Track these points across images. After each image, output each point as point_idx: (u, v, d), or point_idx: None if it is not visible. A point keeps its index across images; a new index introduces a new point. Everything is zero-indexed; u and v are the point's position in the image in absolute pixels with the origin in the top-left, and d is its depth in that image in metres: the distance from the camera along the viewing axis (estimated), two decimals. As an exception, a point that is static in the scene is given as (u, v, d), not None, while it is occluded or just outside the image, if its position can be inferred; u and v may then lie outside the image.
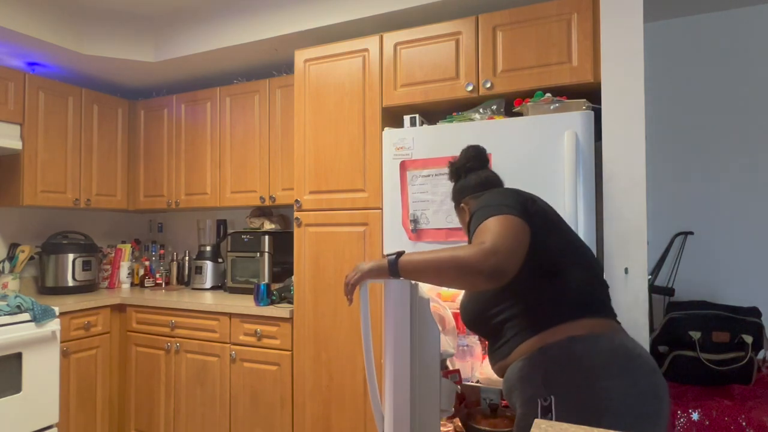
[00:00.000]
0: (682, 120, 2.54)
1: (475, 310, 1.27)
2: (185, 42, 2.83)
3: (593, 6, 1.86)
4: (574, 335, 1.11)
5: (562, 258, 1.18)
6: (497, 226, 1.10)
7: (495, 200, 1.20)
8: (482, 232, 1.12)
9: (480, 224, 1.14)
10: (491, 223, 1.12)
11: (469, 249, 1.07)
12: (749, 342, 1.85)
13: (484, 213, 1.16)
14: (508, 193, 1.25)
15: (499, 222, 1.12)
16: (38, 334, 2.39)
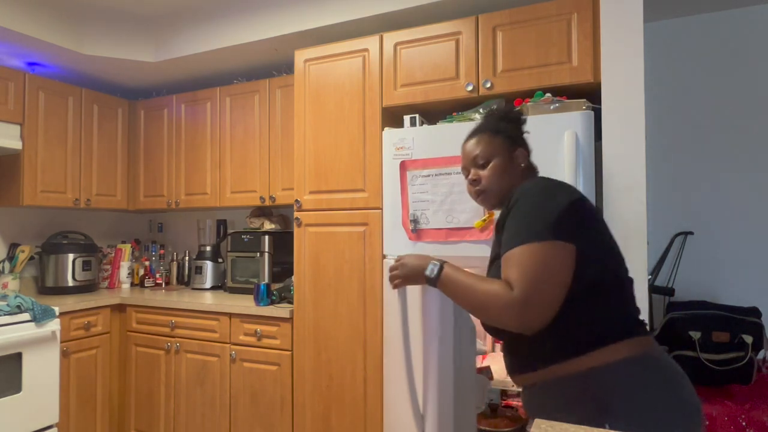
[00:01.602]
0: (682, 120, 2.54)
1: None
2: (185, 42, 2.83)
3: (593, 6, 1.86)
4: (630, 356, 1.00)
5: (609, 273, 1.06)
6: (532, 263, 0.98)
7: (534, 213, 1.04)
8: (512, 266, 1.00)
9: (511, 249, 1.03)
10: (525, 257, 0.99)
11: (501, 292, 1.00)
12: (749, 342, 1.86)
13: (517, 234, 1.03)
14: (553, 195, 1.06)
15: (535, 256, 0.99)
16: (38, 334, 2.39)
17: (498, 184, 1.22)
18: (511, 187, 1.21)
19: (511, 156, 1.24)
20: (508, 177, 1.22)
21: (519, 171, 1.24)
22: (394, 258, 1.33)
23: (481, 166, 1.24)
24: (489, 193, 1.23)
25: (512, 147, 1.25)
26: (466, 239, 1.91)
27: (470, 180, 1.26)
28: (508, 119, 1.29)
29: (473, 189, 1.26)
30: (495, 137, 1.25)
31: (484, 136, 1.27)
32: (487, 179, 1.23)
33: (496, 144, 1.25)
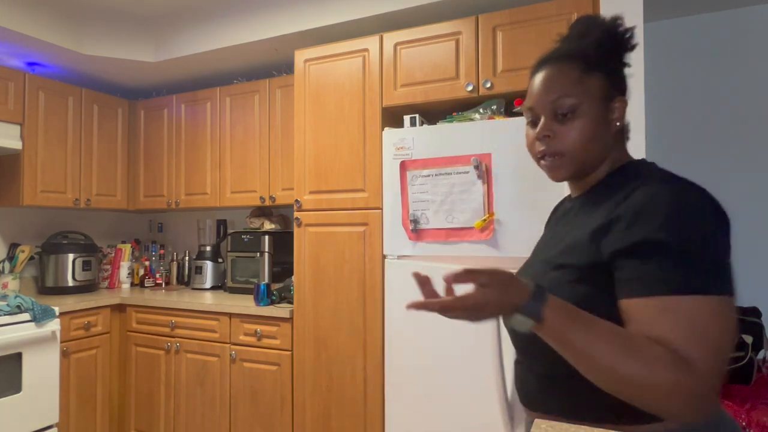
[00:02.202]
0: (682, 120, 2.54)
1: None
2: (185, 42, 2.83)
3: (593, 6, 1.86)
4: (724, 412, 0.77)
5: None
6: (719, 330, 0.65)
7: (714, 247, 0.68)
8: (686, 326, 0.65)
9: (677, 295, 0.66)
10: (709, 318, 0.65)
11: (677, 376, 0.63)
12: (749, 342, 1.85)
13: (692, 273, 0.67)
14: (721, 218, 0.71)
15: (721, 319, 0.66)
16: (38, 334, 2.39)
17: (585, 149, 0.81)
18: (599, 156, 0.84)
19: (608, 108, 0.83)
20: (599, 141, 0.82)
21: (612, 134, 0.84)
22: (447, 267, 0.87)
23: (560, 117, 0.82)
24: (568, 158, 0.82)
25: (612, 93, 0.83)
26: (466, 239, 1.91)
27: (540, 134, 0.83)
28: (615, 41, 0.84)
29: (540, 146, 0.84)
30: (590, 73, 0.82)
31: (572, 67, 0.82)
32: (569, 138, 0.81)
33: (591, 85, 0.82)
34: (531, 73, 0.89)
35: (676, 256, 0.67)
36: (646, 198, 0.72)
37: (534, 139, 0.85)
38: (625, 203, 0.74)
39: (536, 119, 0.85)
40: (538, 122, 0.85)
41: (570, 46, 0.86)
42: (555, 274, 0.80)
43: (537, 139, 0.85)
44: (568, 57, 0.84)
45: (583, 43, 0.84)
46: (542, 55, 0.88)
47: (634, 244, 0.70)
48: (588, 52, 0.83)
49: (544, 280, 0.80)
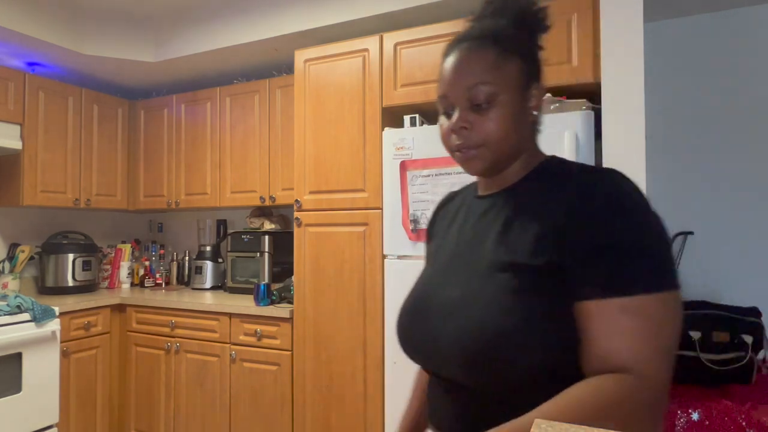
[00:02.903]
0: (682, 120, 2.54)
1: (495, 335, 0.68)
2: (185, 42, 2.83)
3: (593, 6, 1.86)
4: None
5: None
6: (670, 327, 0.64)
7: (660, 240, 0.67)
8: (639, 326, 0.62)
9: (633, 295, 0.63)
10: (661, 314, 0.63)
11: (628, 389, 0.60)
12: (749, 342, 1.85)
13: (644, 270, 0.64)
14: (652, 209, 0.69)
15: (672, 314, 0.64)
16: (38, 334, 2.39)
17: (504, 140, 0.75)
18: (517, 148, 0.78)
19: (526, 96, 0.76)
20: (518, 132, 0.76)
21: (530, 124, 0.79)
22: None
23: (476, 107, 0.74)
24: (485, 150, 0.75)
25: (529, 79, 0.77)
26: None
27: (456, 126, 0.75)
28: (529, 21, 0.78)
29: (456, 140, 0.76)
30: (507, 57, 0.75)
31: (487, 51, 0.75)
32: (488, 130, 0.74)
33: (509, 70, 0.75)
34: (443, 57, 0.80)
35: (631, 255, 0.64)
36: (591, 197, 0.68)
37: (449, 131, 0.77)
38: (570, 204, 0.69)
39: (450, 108, 0.77)
40: (452, 112, 0.77)
41: (484, 26, 0.77)
42: (504, 276, 0.71)
43: (452, 131, 0.76)
44: (483, 38, 0.76)
45: (499, 23, 0.76)
46: (455, 37, 0.80)
47: (587, 246, 0.66)
48: (505, 33, 0.76)
49: (489, 283, 0.72)
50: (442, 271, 0.82)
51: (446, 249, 0.85)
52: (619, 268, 0.64)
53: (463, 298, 0.73)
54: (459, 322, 0.71)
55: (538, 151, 0.82)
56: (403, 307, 0.85)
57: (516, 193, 0.79)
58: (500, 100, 0.74)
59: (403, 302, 0.86)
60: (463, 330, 0.70)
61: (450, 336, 0.71)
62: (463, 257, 0.80)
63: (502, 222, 0.76)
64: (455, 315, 0.72)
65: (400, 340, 0.83)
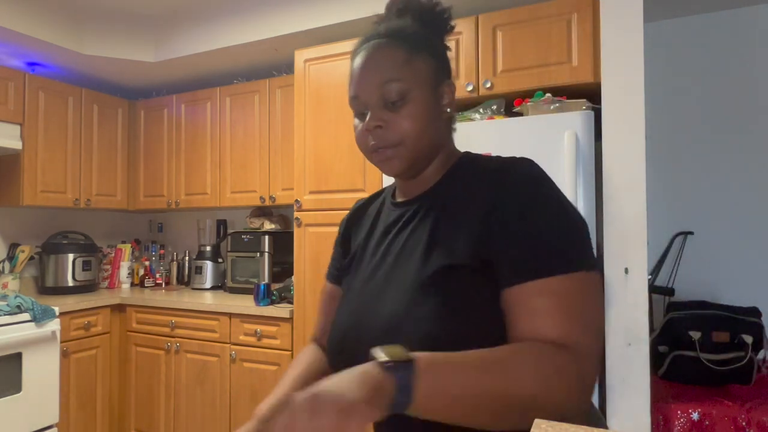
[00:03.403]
0: (682, 120, 2.54)
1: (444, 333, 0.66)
2: (185, 42, 2.83)
3: (593, 6, 1.86)
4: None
5: None
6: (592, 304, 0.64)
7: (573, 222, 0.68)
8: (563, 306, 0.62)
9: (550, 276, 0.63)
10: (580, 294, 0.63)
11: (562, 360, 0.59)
12: (749, 342, 1.85)
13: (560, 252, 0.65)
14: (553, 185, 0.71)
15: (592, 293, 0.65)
16: (38, 334, 2.39)
17: (420, 137, 0.73)
18: (434, 146, 0.77)
19: (438, 92, 0.77)
20: (432, 129, 0.75)
21: (445, 121, 0.80)
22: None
23: (389, 105, 0.73)
24: (403, 148, 0.73)
25: (439, 76, 0.78)
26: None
27: (371, 125, 0.74)
28: (433, 21, 0.79)
29: (372, 140, 0.75)
30: (416, 54, 0.75)
31: (397, 48, 0.74)
32: (403, 127, 0.72)
33: (419, 67, 0.74)
34: (351, 58, 0.79)
35: (544, 239, 0.65)
36: (504, 187, 0.69)
37: (364, 132, 0.75)
38: (488, 196, 0.69)
39: (363, 109, 0.76)
40: (365, 112, 0.75)
41: (391, 25, 0.77)
42: (443, 284, 0.68)
43: (367, 131, 0.74)
44: (391, 37, 0.75)
45: (405, 22, 0.77)
46: (362, 38, 0.79)
47: (505, 234, 0.66)
48: (411, 31, 0.76)
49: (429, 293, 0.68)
50: (374, 287, 0.77)
51: (372, 263, 0.80)
52: (534, 251, 0.65)
53: (405, 313, 0.69)
54: (404, 337, 0.65)
55: (454, 149, 0.82)
56: (336, 325, 0.79)
57: (437, 196, 0.77)
58: (413, 96, 0.73)
59: (335, 320, 0.81)
60: (410, 345, 0.62)
61: None
62: (395, 270, 0.75)
63: (429, 228, 0.73)
64: (399, 330, 0.68)
65: (333, 361, 0.77)
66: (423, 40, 0.76)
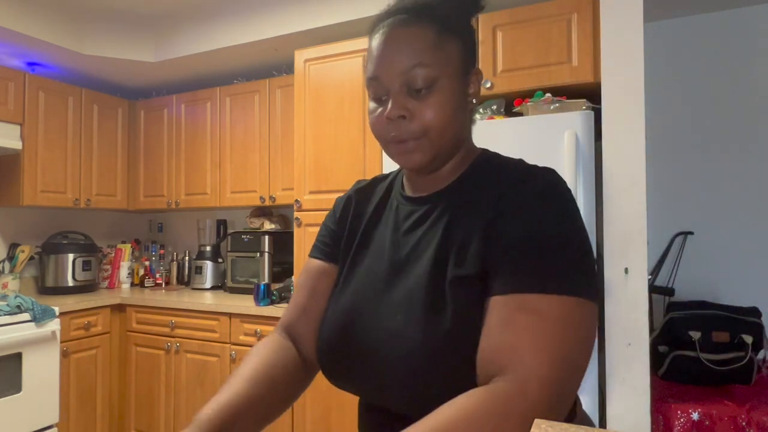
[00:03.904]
0: (682, 120, 2.54)
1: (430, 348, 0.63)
2: (185, 42, 2.83)
3: (593, 6, 1.86)
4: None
5: None
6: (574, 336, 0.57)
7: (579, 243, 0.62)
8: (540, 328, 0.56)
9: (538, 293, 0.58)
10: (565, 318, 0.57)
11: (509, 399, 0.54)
12: (749, 342, 1.85)
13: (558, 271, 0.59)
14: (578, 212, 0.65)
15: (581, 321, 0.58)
16: (38, 334, 2.39)
17: (445, 130, 0.67)
18: (457, 139, 0.71)
19: (466, 81, 0.70)
20: (458, 121, 0.69)
21: (468, 113, 0.73)
22: None
23: (414, 92, 0.66)
24: (427, 141, 0.67)
25: (468, 62, 0.70)
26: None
27: (393, 114, 0.66)
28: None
29: (392, 131, 0.67)
30: (447, 36, 0.67)
31: (427, 28, 0.66)
32: (428, 118, 0.66)
33: (450, 51, 0.67)
34: (371, 33, 0.70)
35: (548, 252, 0.59)
36: (521, 190, 0.65)
37: (383, 119, 0.67)
38: (499, 203, 0.65)
39: (383, 93, 0.67)
40: (384, 96, 0.67)
41: (419, 3, 0.68)
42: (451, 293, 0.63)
43: (389, 119, 0.66)
44: (420, 12, 0.67)
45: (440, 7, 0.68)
46: (385, 8, 0.70)
47: (507, 237, 0.62)
48: (443, 7, 0.68)
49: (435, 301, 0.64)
50: (374, 288, 0.72)
51: (375, 259, 0.75)
52: (531, 262, 0.59)
53: (404, 324, 0.65)
54: (402, 351, 0.63)
55: (472, 145, 0.76)
56: (328, 321, 0.74)
57: (452, 196, 0.71)
58: (441, 85, 0.66)
59: (328, 317, 0.75)
60: (411, 356, 0.62)
61: (390, 366, 0.64)
62: (402, 274, 0.70)
63: (441, 232, 0.68)
64: (397, 343, 0.64)
65: (324, 360, 0.72)
66: (455, 20, 0.68)
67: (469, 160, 0.74)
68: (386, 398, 0.67)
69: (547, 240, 0.60)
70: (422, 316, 0.64)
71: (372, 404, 0.72)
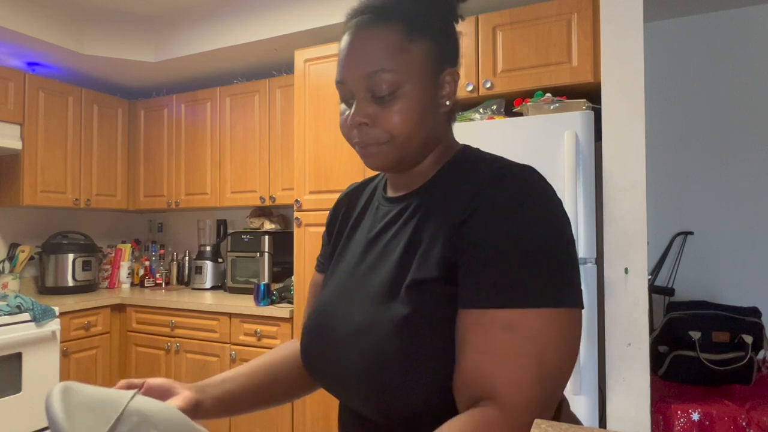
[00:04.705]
0: (682, 120, 2.54)
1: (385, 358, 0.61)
2: (185, 42, 2.83)
3: (593, 6, 1.86)
4: None
5: None
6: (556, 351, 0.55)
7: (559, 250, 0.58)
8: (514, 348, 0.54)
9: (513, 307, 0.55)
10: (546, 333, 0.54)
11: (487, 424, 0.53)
12: (749, 342, 1.86)
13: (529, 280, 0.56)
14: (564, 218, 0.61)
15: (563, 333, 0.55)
16: (38, 334, 2.39)
17: (410, 136, 0.65)
18: (427, 144, 0.68)
19: (437, 83, 0.66)
20: (426, 126, 0.66)
21: (441, 114, 0.69)
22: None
23: (379, 99, 0.63)
24: (389, 146, 0.65)
25: (440, 63, 0.66)
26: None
27: (355, 121, 0.65)
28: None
29: (356, 137, 0.66)
30: (414, 38, 0.64)
31: (391, 29, 0.63)
32: (391, 125, 0.64)
33: (416, 54, 0.64)
34: (342, 32, 0.68)
35: (527, 262, 0.56)
36: (495, 192, 0.60)
37: (348, 125, 0.66)
38: (471, 203, 0.60)
39: (349, 97, 0.66)
40: (351, 100, 0.66)
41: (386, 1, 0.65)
42: (410, 297, 0.61)
43: (351, 125, 0.65)
44: (386, 10, 0.64)
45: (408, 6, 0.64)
46: (353, 7, 0.67)
47: (480, 245, 0.58)
48: (413, 6, 0.64)
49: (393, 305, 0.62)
50: (346, 287, 0.71)
51: (351, 260, 0.74)
52: (510, 274, 0.56)
53: (364, 322, 0.64)
54: (360, 348, 0.62)
55: (452, 142, 0.73)
56: (306, 324, 0.75)
57: (425, 195, 0.68)
58: (406, 90, 0.63)
59: (306, 318, 0.76)
60: (363, 358, 0.61)
61: (350, 364, 0.63)
62: (368, 273, 0.69)
63: (409, 234, 0.66)
64: (357, 341, 0.63)
65: (304, 361, 0.73)
66: (424, 19, 0.64)
67: (446, 158, 0.71)
68: (351, 401, 0.67)
69: (522, 247, 0.56)
70: (378, 322, 0.62)
71: (346, 407, 0.73)
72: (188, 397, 0.67)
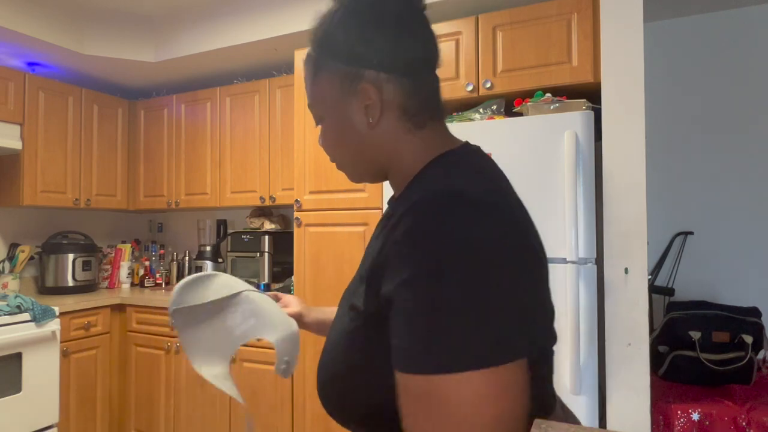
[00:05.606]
0: (682, 120, 2.54)
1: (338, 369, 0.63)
2: (185, 42, 2.83)
3: (593, 6, 1.86)
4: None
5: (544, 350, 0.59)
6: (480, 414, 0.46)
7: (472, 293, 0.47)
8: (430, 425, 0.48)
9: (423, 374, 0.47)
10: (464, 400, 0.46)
11: None
12: (749, 342, 1.86)
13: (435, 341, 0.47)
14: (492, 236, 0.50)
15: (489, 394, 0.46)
16: (38, 334, 2.39)
17: (342, 160, 0.67)
18: (368, 163, 0.66)
19: (352, 102, 0.62)
20: (350, 148, 0.65)
21: (374, 130, 0.62)
22: None
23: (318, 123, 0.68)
24: (341, 167, 0.69)
25: (349, 82, 0.62)
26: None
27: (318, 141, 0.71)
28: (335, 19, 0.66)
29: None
30: (322, 66, 0.64)
31: (308, 63, 0.67)
32: (328, 151, 0.68)
33: (323, 86, 0.64)
34: None
35: (434, 323, 0.47)
36: (408, 229, 0.51)
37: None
38: (392, 234, 0.53)
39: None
40: None
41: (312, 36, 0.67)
42: (351, 315, 0.61)
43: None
44: (311, 46, 0.67)
45: (315, 34, 0.67)
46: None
47: (390, 295, 0.51)
48: (321, 31, 0.66)
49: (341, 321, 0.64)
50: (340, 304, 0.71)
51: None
52: (421, 338, 0.47)
53: (332, 331, 0.67)
54: (322, 358, 0.67)
55: (434, 144, 0.63)
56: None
57: (399, 204, 0.60)
58: (327, 122, 0.65)
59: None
60: (321, 363, 0.67)
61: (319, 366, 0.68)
62: (351, 286, 0.68)
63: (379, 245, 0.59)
64: (325, 346, 0.68)
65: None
66: (327, 43, 0.63)
67: (429, 158, 0.62)
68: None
69: (428, 303, 0.47)
70: (333, 332, 0.65)
71: None
72: (297, 309, 1.00)
